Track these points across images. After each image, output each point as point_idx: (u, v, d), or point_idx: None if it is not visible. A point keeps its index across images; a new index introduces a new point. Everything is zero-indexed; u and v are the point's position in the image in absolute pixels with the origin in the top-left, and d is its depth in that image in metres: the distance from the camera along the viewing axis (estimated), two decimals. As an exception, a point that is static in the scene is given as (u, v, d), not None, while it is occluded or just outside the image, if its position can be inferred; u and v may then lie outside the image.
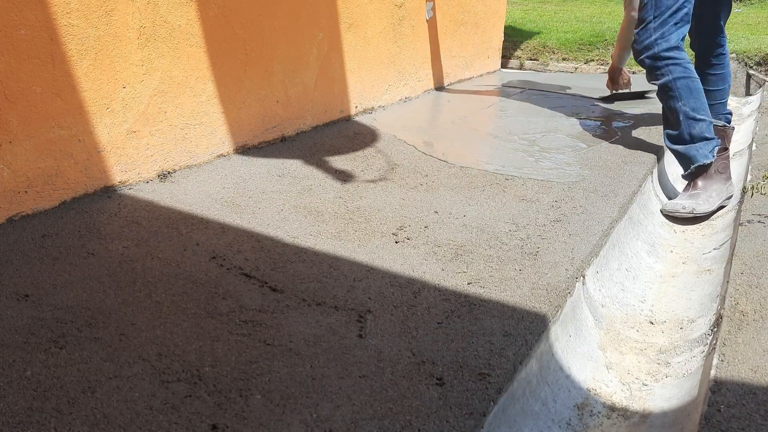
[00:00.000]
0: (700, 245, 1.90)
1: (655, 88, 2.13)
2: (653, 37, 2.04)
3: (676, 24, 2.02)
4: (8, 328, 1.12)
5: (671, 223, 2.05)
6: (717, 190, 2.08)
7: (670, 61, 2.03)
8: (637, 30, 2.11)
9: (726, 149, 2.12)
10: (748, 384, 1.05)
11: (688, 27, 2.07)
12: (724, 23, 2.33)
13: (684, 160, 2.11)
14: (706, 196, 2.07)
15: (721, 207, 2.08)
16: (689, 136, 2.06)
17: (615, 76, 3.17)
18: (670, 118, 2.12)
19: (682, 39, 2.07)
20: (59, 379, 0.99)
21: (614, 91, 3.26)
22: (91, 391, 0.96)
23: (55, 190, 1.67)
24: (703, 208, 2.04)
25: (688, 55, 2.06)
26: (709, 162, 2.04)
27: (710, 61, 2.35)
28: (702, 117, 2.04)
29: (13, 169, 1.57)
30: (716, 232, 1.94)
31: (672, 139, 2.12)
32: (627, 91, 3.26)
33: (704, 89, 2.10)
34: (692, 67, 2.07)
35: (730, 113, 2.45)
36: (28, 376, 1.00)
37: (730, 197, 2.10)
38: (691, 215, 2.04)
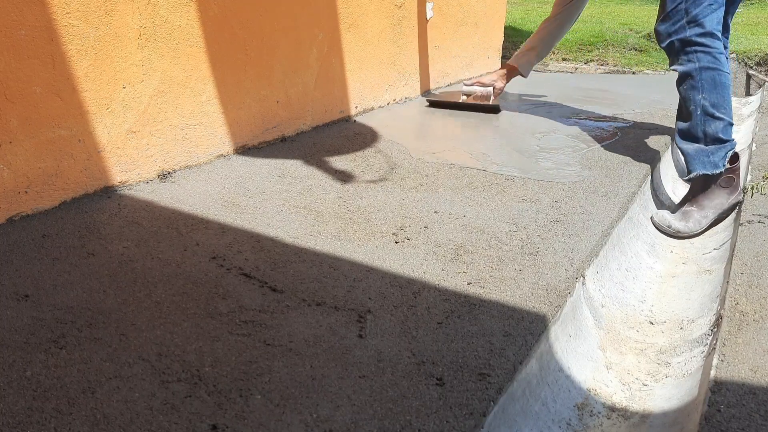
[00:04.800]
0: (700, 245, 1.90)
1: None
2: (685, 20, 1.82)
3: (710, 5, 1.79)
4: (8, 328, 1.12)
5: (671, 223, 2.05)
6: (715, 207, 1.92)
7: (701, 48, 1.82)
8: (665, 12, 1.87)
9: (737, 159, 1.94)
10: (748, 384, 1.05)
11: (723, 10, 1.83)
12: (731, 20, 2.11)
13: (691, 161, 1.93)
14: (700, 215, 1.92)
15: (719, 221, 1.95)
16: (702, 134, 1.87)
17: (497, 83, 2.93)
18: (683, 110, 1.92)
19: (718, 24, 1.84)
20: (59, 379, 0.99)
21: (462, 99, 2.87)
22: (91, 391, 0.96)
23: (55, 190, 1.67)
24: (691, 229, 1.91)
25: (722, 45, 1.86)
26: (717, 173, 1.87)
27: None
28: (721, 115, 1.84)
29: (13, 169, 1.57)
30: (716, 232, 1.94)
31: (683, 135, 1.93)
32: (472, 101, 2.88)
33: None
34: (724, 59, 1.85)
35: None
36: (28, 376, 1.00)
37: (733, 208, 1.94)
38: (676, 236, 1.93)
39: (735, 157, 1.93)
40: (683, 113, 1.94)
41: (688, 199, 1.98)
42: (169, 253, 1.44)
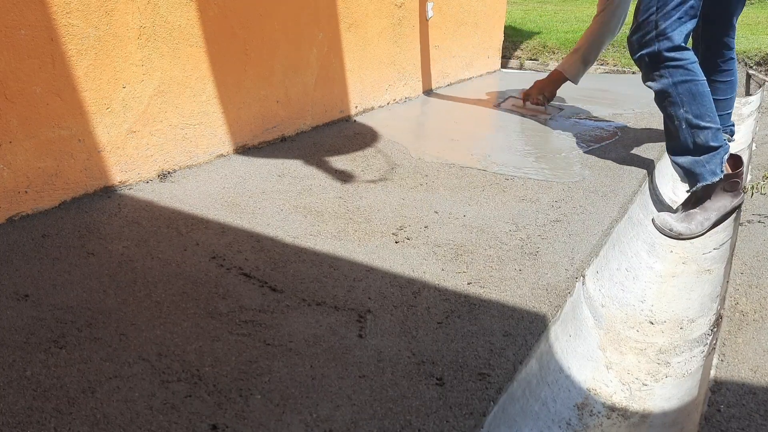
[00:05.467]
0: (700, 245, 1.90)
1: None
2: (654, 33, 1.80)
3: (680, 18, 1.78)
4: (8, 328, 1.12)
5: (671, 223, 2.05)
6: (718, 209, 1.90)
7: (671, 63, 1.81)
8: (637, 22, 1.86)
9: (741, 164, 1.90)
10: (748, 384, 1.05)
11: (694, 23, 1.82)
12: (736, 21, 2.07)
13: (689, 176, 1.90)
14: (702, 218, 1.90)
15: (720, 222, 1.93)
16: (693, 145, 1.84)
17: (545, 91, 2.81)
18: (669, 127, 1.89)
19: (687, 37, 1.83)
20: (59, 379, 0.99)
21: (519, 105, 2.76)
22: (91, 391, 0.96)
23: (55, 190, 1.67)
24: (693, 231, 1.90)
25: (693, 54, 1.84)
26: (717, 180, 1.85)
27: (719, 66, 2.10)
28: (707, 124, 1.81)
29: (13, 169, 1.57)
30: (716, 232, 1.94)
31: (674, 151, 1.92)
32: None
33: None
34: (697, 68, 1.84)
35: (734, 124, 2.27)
36: (28, 376, 1.00)
37: (735, 209, 1.92)
38: (677, 239, 1.91)
39: (739, 162, 1.91)
40: (669, 130, 1.91)
41: (690, 202, 1.96)
42: (169, 253, 1.44)
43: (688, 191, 1.96)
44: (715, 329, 1.32)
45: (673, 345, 1.40)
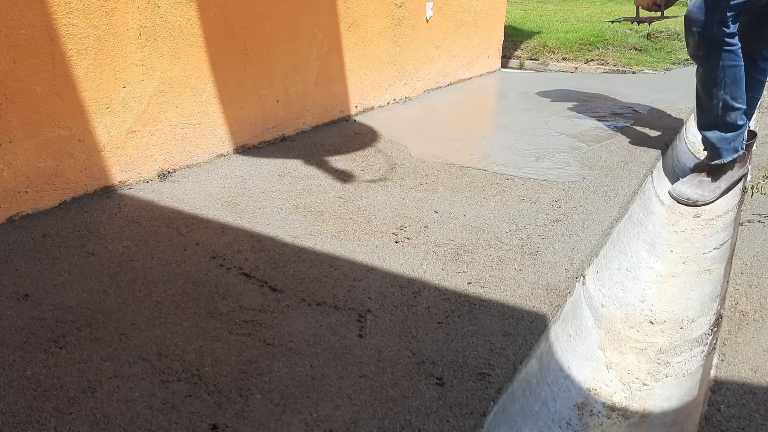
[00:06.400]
0: (700, 245, 1.90)
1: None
2: (718, 16, 1.87)
3: (739, 14, 1.89)
4: (8, 328, 1.12)
5: (671, 223, 2.05)
6: (727, 177, 2.10)
7: (727, 48, 1.92)
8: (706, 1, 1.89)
9: (753, 135, 2.13)
10: (748, 384, 1.05)
11: (747, 15, 1.96)
12: None
13: (713, 149, 2.09)
14: (713, 185, 2.10)
15: (729, 189, 2.13)
16: (723, 123, 2.03)
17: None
18: (704, 103, 2.05)
19: (739, 25, 1.95)
20: (59, 379, 0.99)
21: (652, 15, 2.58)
22: (91, 391, 0.96)
23: (55, 190, 1.67)
24: (706, 197, 2.10)
25: (738, 41, 1.96)
26: (737, 156, 2.06)
27: (758, 65, 2.15)
28: (740, 105, 2.00)
29: (13, 169, 1.57)
30: (716, 232, 1.94)
31: (704, 126, 2.10)
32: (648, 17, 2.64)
33: None
34: (741, 53, 1.96)
35: (750, 127, 2.41)
36: (28, 375, 1.00)
37: (741, 178, 2.12)
38: (694, 205, 2.11)
39: (752, 134, 2.12)
40: (703, 106, 2.08)
41: (703, 170, 2.14)
42: (169, 252, 1.44)
43: (706, 162, 2.14)
44: (715, 329, 1.32)
45: (673, 345, 1.40)
